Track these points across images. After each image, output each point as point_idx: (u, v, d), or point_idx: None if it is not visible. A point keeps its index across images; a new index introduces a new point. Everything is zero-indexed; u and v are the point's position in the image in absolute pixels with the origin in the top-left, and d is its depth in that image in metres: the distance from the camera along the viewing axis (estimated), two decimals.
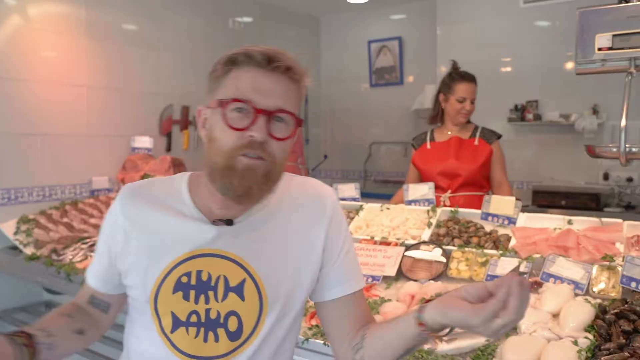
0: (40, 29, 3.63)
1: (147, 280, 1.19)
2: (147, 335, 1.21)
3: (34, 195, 3.66)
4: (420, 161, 3.32)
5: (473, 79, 3.25)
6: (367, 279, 2.35)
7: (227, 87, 1.14)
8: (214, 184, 1.14)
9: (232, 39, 5.19)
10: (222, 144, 1.11)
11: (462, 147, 3.21)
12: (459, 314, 0.99)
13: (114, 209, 1.25)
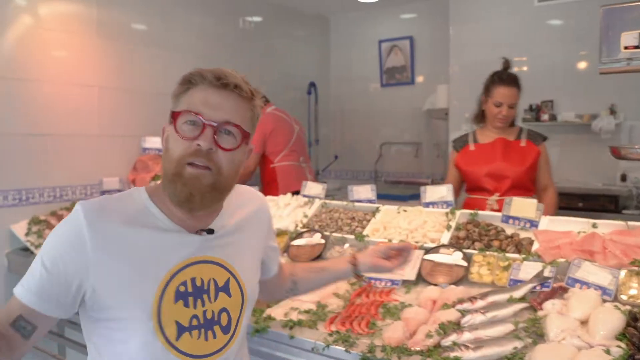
0: (51, 29, 3.59)
1: (146, 296, 1.22)
2: (145, 349, 1.23)
3: (45, 196, 3.63)
4: (464, 163, 3.16)
5: (513, 82, 3.06)
6: (385, 283, 2.30)
7: (181, 103, 1.27)
8: (165, 191, 1.25)
9: (243, 39, 5.15)
10: (172, 152, 1.23)
11: (509, 149, 3.07)
12: (383, 269, 1.74)
13: (76, 225, 1.20)
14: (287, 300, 2.21)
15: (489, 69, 4.71)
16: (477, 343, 1.72)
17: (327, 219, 2.90)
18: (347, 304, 2.16)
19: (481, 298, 2.01)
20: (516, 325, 1.83)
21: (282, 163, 4.35)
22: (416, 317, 1.95)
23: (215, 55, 4.80)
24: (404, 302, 2.12)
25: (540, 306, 1.96)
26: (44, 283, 1.20)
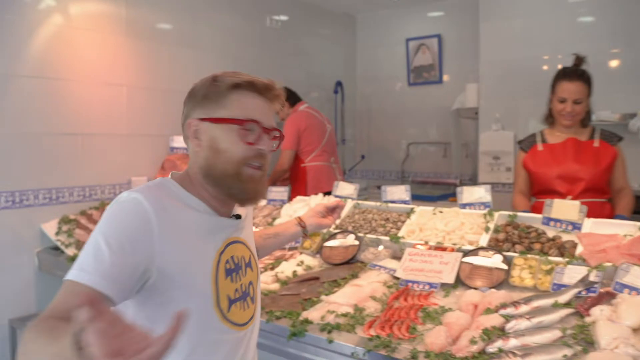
0: (81, 28, 3.60)
1: (206, 274, 1.34)
2: (204, 324, 1.33)
3: (75, 195, 3.64)
4: (533, 164, 3.01)
5: (578, 77, 2.89)
6: (423, 286, 2.25)
7: (231, 108, 1.34)
8: (220, 188, 1.36)
9: (270, 38, 5.12)
10: (231, 154, 1.33)
11: (581, 150, 2.92)
12: (324, 226, 2.07)
13: (144, 212, 1.24)
14: (322, 304, 2.17)
15: (520, 67, 4.65)
16: (525, 350, 1.66)
17: (360, 220, 2.85)
18: (385, 308, 2.11)
19: (525, 303, 1.95)
20: (564, 332, 1.77)
21: (313, 163, 4.31)
22: (458, 321, 1.89)
23: (242, 54, 4.78)
24: (443, 306, 2.07)
25: (587, 312, 1.89)
26: (113, 268, 1.18)
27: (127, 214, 1.24)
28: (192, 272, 1.31)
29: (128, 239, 1.21)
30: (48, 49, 3.44)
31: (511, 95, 4.68)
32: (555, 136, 3.02)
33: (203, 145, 1.36)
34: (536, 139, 3.08)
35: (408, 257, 2.42)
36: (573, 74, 2.90)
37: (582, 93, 2.88)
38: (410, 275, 2.32)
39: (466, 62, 5.37)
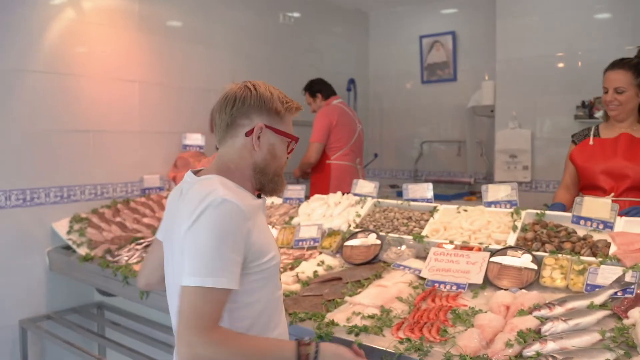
0: (94, 23, 3.55)
1: (273, 242, 1.67)
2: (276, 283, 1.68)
3: (86, 194, 3.59)
4: (581, 158, 2.92)
5: (621, 65, 2.80)
6: (451, 287, 2.18)
7: (287, 125, 1.67)
8: (264, 182, 1.65)
9: (283, 35, 5.06)
10: (282, 160, 1.68)
11: (634, 146, 2.79)
12: None
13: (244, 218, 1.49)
14: (347, 305, 2.10)
15: (537, 65, 4.57)
16: (565, 354, 1.59)
17: (381, 219, 2.78)
18: (413, 309, 2.04)
19: (559, 304, 1.88)
20: (603, 335, 1.69)
21: (339, 162, 4.23)
22: (491, 324, 1.82)
23: (255, 51, 4.72)
24: (473, 308, 2.00)
25: (625, 314, 1.82)
26: (237, 267, 1.48)
27: (234, 219, 1.48)
28: (271, 251, 1.61)
29: (237, 239, 1.48)
30: (60, 44, 3.38)
31: (528, 93, 4.60)
32: (609, 131, 2.91)
33: (262, 147, 1.61)
34: (590, 132, 2.98)
35: (433, 257, 2.35)
36: (616, 63, 2.81)
37: (624, 81, 2.76)
38: (436, 275, 2.26)
39: (480, 59, 5.30)
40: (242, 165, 1.61)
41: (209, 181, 1.54)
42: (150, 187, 3.86)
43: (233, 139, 1.60)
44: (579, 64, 4.42)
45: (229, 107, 1.59)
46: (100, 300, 3.61)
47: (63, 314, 3.41)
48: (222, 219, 1.44)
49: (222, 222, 1.44)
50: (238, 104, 1.58)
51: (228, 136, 1.60)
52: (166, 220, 1.71)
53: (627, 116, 2.84)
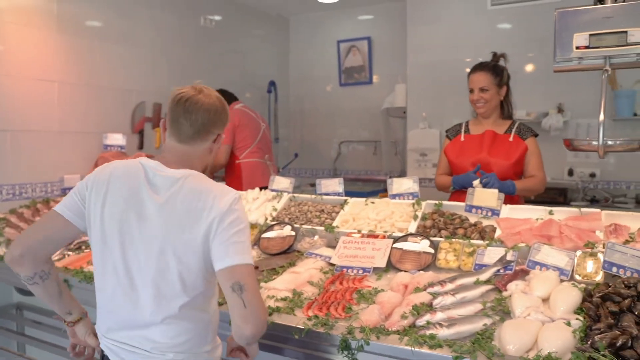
0: (11, 22, 3.53)
1: None
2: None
3: (4, 194, 3.56)
4: (453, 153, 3.22)
5: (483, 67, 3.16)
6: (357, 271, 2.39)
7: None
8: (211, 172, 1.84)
9: (204, 37, 5.16)
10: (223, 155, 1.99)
11: (496, 142, 3.12)
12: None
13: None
14: (262, 290, 2.26)
15: (445, 69, 4.92)
16: (450, 321, 1.83)
17: (296, 212, 2.97)
18: (322, 291, 2.24)
19: (450, 281, 2.13)
20: (484, 305, 1.95)
21: (247, 159, 4.39)
22: (390, 300, 2.05)
23: (176, 53, 4.79)
24: (376, 288, 2.21)
25: (504, 287, 2.09)
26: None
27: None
28: None
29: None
30: None
31: (437, 95, 4.95)
32: (477, 127, 3.24)
33: (213, 152, 1.90)
34: (461, 128, 3.30)
35: (342, 245, 2.56)
36: (478, 66, 3.18)
37: (487, 81, 3.12)
38: (344, 261, 2.46)
39: (395, 63, 5.60)
40: (198, 164, 1.83)
41: (203, 177, 1.77)
42: (70, 187, 3.84)
43: (202, 142, 1.82)
44: None
45: (205, 115, 1.78)
46: (19, 301, 3.58)
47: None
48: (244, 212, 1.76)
49: (242, 206, 1.75)
50: (212, 116, 1.80)
51: (198, 139, 1.80)
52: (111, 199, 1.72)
53: (492, 113, 3.19)
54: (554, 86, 4.03)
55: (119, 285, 1.71)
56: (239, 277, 1.61)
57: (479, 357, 1.63)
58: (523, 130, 3.17)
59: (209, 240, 1.64)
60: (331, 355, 1.90)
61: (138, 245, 1.69)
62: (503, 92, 3.19)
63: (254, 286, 1.63)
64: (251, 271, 1.65)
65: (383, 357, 1.79)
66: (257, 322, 1.61)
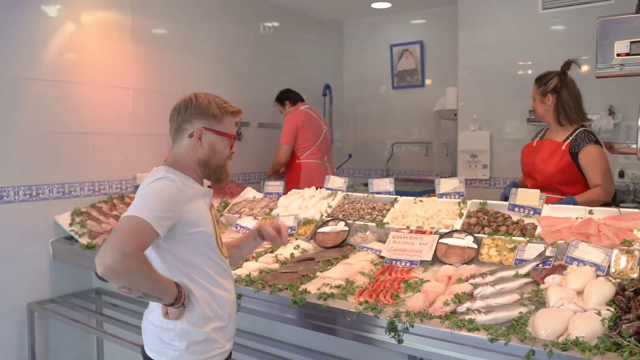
0: (91, 35, 3.91)
1: (208, 220, 1.98)
2: (213, 251, 2.01)
3: (85, 190, 3.94)
4: (522, 157, 3.49)
5: (534, 80, 3.41)
6: (405, 263, 2.59)
7: (225, 126, 2.01)
8: (209, 173, 2.00)
9: (263, 44, 5.46)
10: (222, 155, 2.01)
11: (550, 150, 3.25)
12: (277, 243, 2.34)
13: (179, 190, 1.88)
14: (318, 279, 2.50)
15: (496, 72, 5.03)
16: (488, 308, 2.01)
17: (349, 209, 3.19)
18: (373, 281, 2.46)
19: (491, 274, 2.31)
20: (521, 296, 2.12)
21: (308, 160, 4.65)
22: (434, 289, 2.24)
23: (237, 60, 5.11)
24: (422, 279, 2.42)
25: (542, 280, 2.25)
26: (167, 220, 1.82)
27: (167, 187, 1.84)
28: (202, 220, 1.94)
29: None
30: (61, 54, 3.74)
31: (487, 98, 5.06)
32: (548, 134, 3.41)
33: (203, 145, 1.97)
34: (539, 134, 3.51)
35: (392, 240, 2.77)
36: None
37: (534, 91, 3.39)
38: (394, 254, 2.67)
39: (446, 66, 5.74)
40: (188, 160, 1.96)
41: (155, 170, 1.92)
42: None
43: (181, 140, 1.98)
44: (529, 72, 4.89)
45: (175, 115, 1.99)
46: (98, 286, 3.97)
47: (66, 298, 3.77)
48: (160, 187, 1.80)
49: (160, 189, 1.80)
50: (182, 112, 1.98)
51: (177, 138, 2.00)
52: None
53: (542, 119, 3.38)
54: (605, 88, 4.06)
55: None
56: (116, 225, 1.73)
57: (512, 340, 1.81)
58: (580, 139, 3.19)
59: None
60: (377, 335, 2.11)
61: None
62: (548, 101, 3.29)
63: (123, 231, 1.67)
64: (130, 220, 1.70)
65: (425, 339, 1.99)
66: (105, 260, 1.59)
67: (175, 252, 1.89)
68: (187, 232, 1.88)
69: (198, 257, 1.93)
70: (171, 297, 1.80)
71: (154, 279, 1.74)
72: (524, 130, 4.82)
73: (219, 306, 1.96)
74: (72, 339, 3.90)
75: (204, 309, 1.90)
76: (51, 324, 3.77)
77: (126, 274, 1.63)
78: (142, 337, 1.99)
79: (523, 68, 4.95)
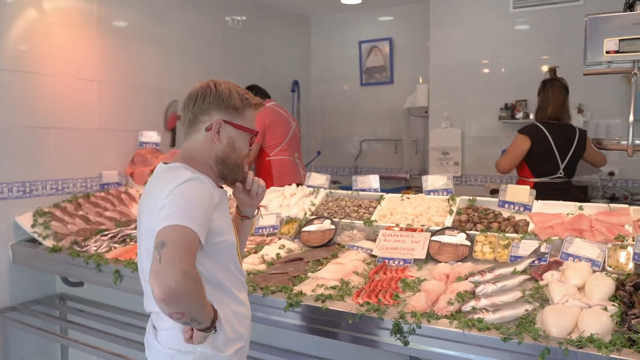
0: (55, 23, 3.68)
1: (231, 226, 1.82)
2: (236, 266, 1.84)
3: (48, 189, 3.70)
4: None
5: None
6: (398, 262, 2.53)
7: (247, 120, 1.81)
8: (225, 171, 1.79)
9: (231, 37, 5.30)
10: (242, 152, 1.81)
11: None
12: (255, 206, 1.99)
13: (210, 191, 1.68)
14: (310, 280, 2.41)
15: (467, 70, 5.06)
16: (495, 307, 1.97)
17: (334, 207, 3.11)
18: (368, 281, 2.38)
19: (489, 271, 2.28)
20: (524, 293, 2.10)
21: (278, 157, 4.54)
22: (434, 288, 2.19)
23: (205, 53, 4.94)
24: (419, 277, 2.36)
25: (540, 277, 2.23)
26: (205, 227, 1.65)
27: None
28: (228, 227, 1.78)
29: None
30: (21, 42, 3.49)
31: (459, 95, 5.08)
32: None
33: (222, 140, 1.76)
34: None
35: (383, 238, 2.70)
36: None
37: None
38: (386, 253, 2.61)
39: (415, 64, 5.73)
40: (204, 156, 1.75)
41: (174, 166, 1.71)
42: (108, 183, 4.02)
43: (196, 134, 1.76)
44: (502, 70, 4.94)
45: (191, 105, 1.75)
46: (63, 291, 3.74)
47: (27, 305, 3.52)
48: (194, 190, 1.60)
49: (195, 192, 1.60)
50: (199, 101, 1.73)
51: (192, 131, 1.77)
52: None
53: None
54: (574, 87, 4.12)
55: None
56: (163, 236, 1.48)
57: (525, 339, 1.78)
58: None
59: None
60: (381, 338, 2.04)
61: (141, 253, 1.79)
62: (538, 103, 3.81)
63: (176, 245, 1.47)
64: (179, 231, 1.49)
65: (434, 340, 1.94)
66: (167, 281, 1.40)
67: (202, 267, 1.63)
68: (213, 242, 1.66)
69: (222, 272, 1.74)
70: (209, 321, 1.59)
71: (205, 302, 1.56)
72: (495, 128, 4.86)
73: (240, 325, 1.78)
74: (35, 349, 3.66)
75: (227, 331, 1.71)
76: (11, 333, 3.51)
77: (185, 296, 1.44)
78: (146, 354, 1.80)
79: (494, 66, 4.99)
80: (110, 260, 2.98)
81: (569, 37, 4.59)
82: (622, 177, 4.48)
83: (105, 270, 2.96)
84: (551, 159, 3.60)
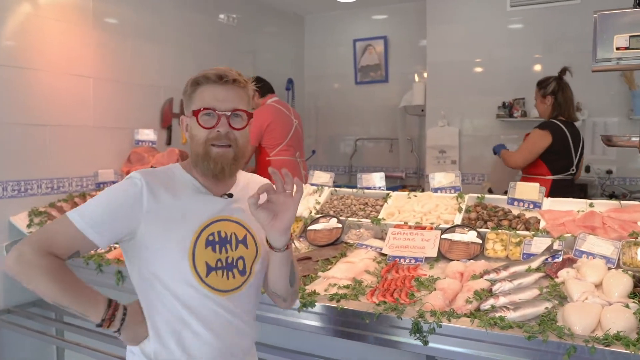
0: (50, 18, 3.59)
1: (184, 241, 1.56)
2: (183, 283, 1.56)
3: (43, 188, 3.62)
4: None
5: (536, 84, 3.93)
6: (410, 261, 2.50)
7: (196, 101, 1.60)
8: (197, 168, 1.62)
9: (227, 34, 5.24)
10: (198, 138, 1.59)
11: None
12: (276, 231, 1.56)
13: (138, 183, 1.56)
14: (321, 279, 2.37)
15: (464, 68, 5.05)
16: (515, 305, 1.95)
17: (340, 205, 3.07)
18: (381, 279, 2.35)
19: (504, 269, 2.25)
20: (541, 290, 2.08)
21: (278, 157, 4.48)
22: (450, 286, 2.16)
23: (200, 50, 4.87)
24: (432, 276, 2.33)
25: (555, 274, 2.21)
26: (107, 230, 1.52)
27: (125, 185, 1.57)
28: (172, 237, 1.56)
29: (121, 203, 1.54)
30: (16, 38, 3.41)
31: (456, 93, 5.08)
32: None
33: (189, 136, 1.65)
34: None
35: (392, 236, 2.67)
36: None
37: (536, 93, 3.95)
38: (396, 251, 2.58)
39: (410, 62, 5.73)
40: (191, 154, 1.65)
41: (170, 165, 1.70)
42: (104, 181, 3.93)
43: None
44: (499, 68, 4.94)
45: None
46: None
47: (23, 307, 3.44)
48: (113, 189, 1.58)
49: (112, 190, 1.57)
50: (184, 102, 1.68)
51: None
52: None
53: (542, 116, 3.94)
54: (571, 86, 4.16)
55: None
56: None
57: (549, 337, 1.75)
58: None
59: None
60: (399, 337, 2.00)
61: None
62: (548, 101, 3.83)
63: (45, 228, 1.55)
64: (60, 219, 1.53)
65: (454, 339, 1.90)
66: (9, 256, 1.48)
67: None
68: (141, 256, 1.63)
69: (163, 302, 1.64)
70: (95, 316, 1.52)
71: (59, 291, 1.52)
72: (493, 126, 4.86)
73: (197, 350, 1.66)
74: (30, 351, 3.57)
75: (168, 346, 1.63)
76: (6, 335, 3.42)
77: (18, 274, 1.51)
78: None
79: (491, 64, 4.99)
80: (112, 260, 2.91)
81: (567, 35, 4.61)
82: (620, 176, 4.50)
83: (106, 271, 2.89)
84: (568, 156, 3.73)
